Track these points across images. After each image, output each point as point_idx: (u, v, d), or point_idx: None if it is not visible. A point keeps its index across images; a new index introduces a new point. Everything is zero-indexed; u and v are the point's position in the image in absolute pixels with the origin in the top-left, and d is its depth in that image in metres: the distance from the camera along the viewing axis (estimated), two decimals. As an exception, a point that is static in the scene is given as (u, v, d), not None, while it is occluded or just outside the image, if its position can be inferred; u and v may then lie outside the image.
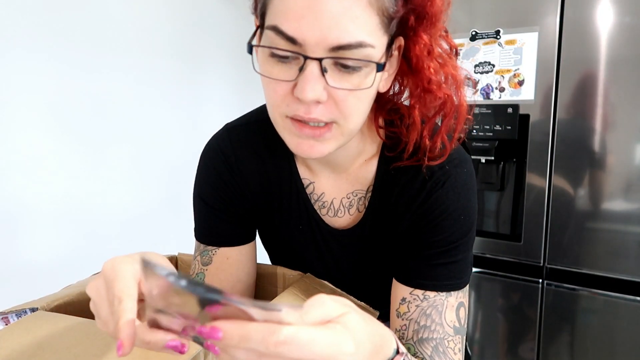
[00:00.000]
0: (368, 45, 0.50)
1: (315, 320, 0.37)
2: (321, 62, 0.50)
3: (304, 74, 0.50)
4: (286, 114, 0.55)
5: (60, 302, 0.64)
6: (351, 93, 0.53)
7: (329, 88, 0.52)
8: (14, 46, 1.29)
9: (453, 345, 0.63)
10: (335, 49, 0.49)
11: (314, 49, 0.49)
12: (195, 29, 1.83)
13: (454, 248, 0.64)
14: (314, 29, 0.48)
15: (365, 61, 0.51)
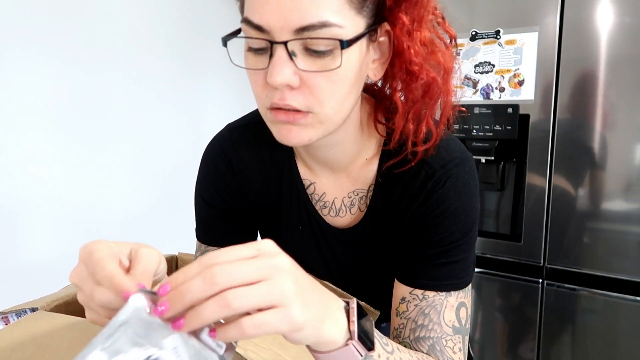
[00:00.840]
0: (333, 24, 0.50)
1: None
2: (286, 45, 0.51)
3: (273, 60, 0.51)
4: (267, 106, 0.55)
5: (60, 302, 0.64)
6: (323, 77, 0.53)
7: (300, 73, 0.52)
8: (15, 47, 1.30)
9: (452, 344, 0.63)
10: (300, 30, 0.50)
11: (279, 33, 0.51)
12: (195, 29, 1.83)
13: (455, 247, 0.64)
14: (276, 13, 0.50)
15: (330, 39, 0.51)
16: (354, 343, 0.46)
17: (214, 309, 0.37)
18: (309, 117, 0.55)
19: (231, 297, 0.37)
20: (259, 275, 0.38)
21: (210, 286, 0.37)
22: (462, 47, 1.62)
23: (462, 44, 1.62)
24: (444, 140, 0.66)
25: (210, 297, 0.37)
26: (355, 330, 0.46)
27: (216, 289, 0.37)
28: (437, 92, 0.60)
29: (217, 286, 0.37)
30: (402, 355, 0.55)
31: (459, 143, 0.68)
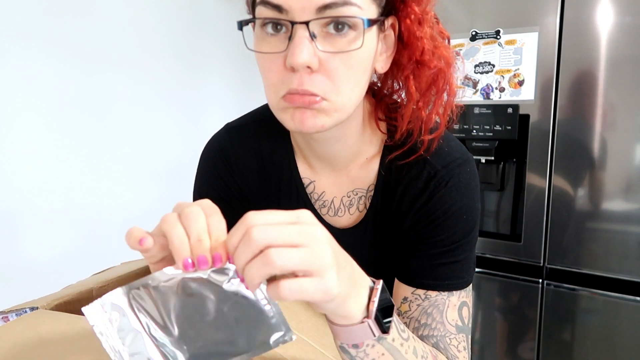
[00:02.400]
0: (354, 4, 0.50)
1: None
2: (308, 25, 0.50)
3: (294, 41, 0.50)
4: (282, 94, 0.54)
5: (60, 302, 0.64)
6: (342, 60, 0.53)
7: (320, 54, 0.52)
8: (14, 47, 1.30)
9: (456, 342, 0.63)
10: (321, 9, 0.50)
11: (300, 13, 0.50)
12: (194, 29, 1.83)
13: (457, 247, 0.64)
14: None
15: (352, 19, 0.51)
16: (370, 322, 0.47)
17: (259, 267, 0.39)
18: (323, 103, 0.54)
19: (274, 254, 0.38)
20: (300, 240, 0.40)
21: (252, 243, 0.39)
22: (462, 47, 1.62)
23: (462, 44, 1.62)
24: (445, 141, 0.66)
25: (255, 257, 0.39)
26: (373, 310, 0.47)
27: (255, 244, 0.39)
28: (444, 81, 0.61)
29: (257, 242, 0.39)
30: (417, 344, 0.56)
31: (460, 144, 0.68)
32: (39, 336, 0.52)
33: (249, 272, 0.39)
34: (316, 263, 0.40)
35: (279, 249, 0.39)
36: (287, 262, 0.39)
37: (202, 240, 0.41)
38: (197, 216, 0.42)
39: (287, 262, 0.39)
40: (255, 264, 0.39)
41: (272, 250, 0.38)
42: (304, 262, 0.39)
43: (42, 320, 0.56)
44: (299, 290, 0.40)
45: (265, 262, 0.38)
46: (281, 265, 0.38)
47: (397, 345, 0.52)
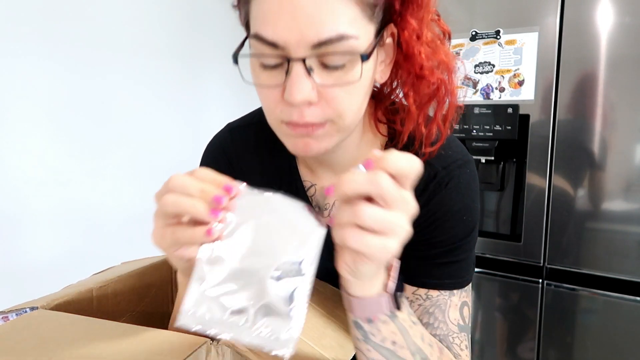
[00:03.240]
0: (350, 37, 0.49)
1: None
2: (305, 61, 0.49)
3: (290, 77, 0.50)
4: (281, 119, 0.54)
5: (60, 302, 0.64)
6: (342, 89, 0.52)
7: (318, 87, 0.51)
8: (14, 49, 1.30)
9: (459, 341, 0.64)
10: (317, 45, 0.48)
11: (296, 49, 0.49)
12: (194, 29, 1.83)
13: (457, 248, 0.64)
14: (292, 29, 0.48)
15: (349, 54, 0.50)
16: (386, 296, 0.51)
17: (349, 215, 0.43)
18: (327, 126, 0.54)
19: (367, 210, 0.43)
20: (398, 207, 0.44)
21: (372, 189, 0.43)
22: (462, 47, 1.62)
23: (462, 44, 1.62)
24: (446, 142, 0.66)
25: None
26: (392, 285, 0.51)
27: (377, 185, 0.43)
28: (445, 93, 0.60)
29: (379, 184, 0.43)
30: (424, 332, 0.58)
31: (461, 145, 0.68)
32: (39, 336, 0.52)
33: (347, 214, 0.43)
34: (398, 225, 0.44)
35: (374, 209, 0.42)
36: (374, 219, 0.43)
37: (204, 188, 0.45)
38: (183, 181, 0.45)
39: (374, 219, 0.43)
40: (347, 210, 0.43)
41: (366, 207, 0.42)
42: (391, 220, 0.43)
43: (42, 320, 0.56)
44: (373, 239, 0.43)
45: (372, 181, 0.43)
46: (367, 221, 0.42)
47: (407, 326, 0.54)
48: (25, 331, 0.53)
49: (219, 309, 0.43)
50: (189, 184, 0.44)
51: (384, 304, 0.51)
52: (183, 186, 0.44)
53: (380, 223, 0.43)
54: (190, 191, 0.44)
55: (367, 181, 0.43)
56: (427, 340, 0.58)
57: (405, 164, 0.43)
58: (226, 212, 0.45)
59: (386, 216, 0.43)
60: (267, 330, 0.42)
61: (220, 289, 0.44)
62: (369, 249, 0.43)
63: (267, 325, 0.43)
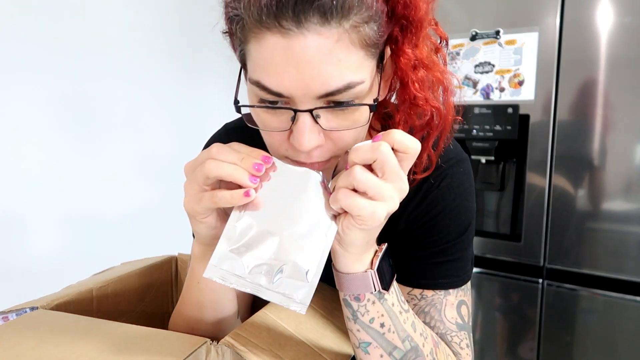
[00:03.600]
0: (357, 83, 0.48)
1: None
2: (312, 112, 0.48)
3: (297, 126, 0.49)
4: (286, 156, 0.54)
5: (60, 302, 0.64)
6: (347, 130, 0.51)
7: (324, 131, 0.50)
8: (15, 48, 1.30)
9: (458, 340, 0.63)
10: (323, 96, 0.48)
11: (302, 99, 0.48)
12: (194, 29, 1.83)
13: (451, 247, 0.64)
14: (297, 81, 0.46)
15: (356, 99, 0.49)
16: (372, 272, 0.52)
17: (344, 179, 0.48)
18: (331, 160, 0.54)
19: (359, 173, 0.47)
20: (391, 177, 0.48)
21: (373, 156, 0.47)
22: (462, 47, 1.62)
23: (462, 44, 1.62)
24: None
25: None
26: (376, 262, 0.53)
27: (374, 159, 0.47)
28: (439, 121, 0.58)
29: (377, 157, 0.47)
30: (417, 321, 0.59)
31: (455, 143, 0.67)
32: (39, 336, 0.52)
33: None
34: (387, 194, 0.47)
35: (368, 173, 0.46)
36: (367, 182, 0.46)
37: (248, 155, 0.49)
38: (224, 150, 0.50)
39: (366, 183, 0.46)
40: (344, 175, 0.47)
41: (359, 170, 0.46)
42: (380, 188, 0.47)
43: (42, 320, 0.56)
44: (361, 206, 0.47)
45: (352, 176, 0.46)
46: (360, 183, 0.46)
47: (396, 311, 0.55)
48: (25, 331, 0.53)
49: (241, 267, 0.48)
50: (230, 152, 0.49)
51: (370, 281, 0.52)
52: (225, 154, 0.49)
53: (372, 187, 0.46)
54: (231, 158, 0.48)
55: (370, 148, 0.46)
56: (419, 330, 0.58)
57: (408, 142, 0.47)
58: (262, 180, 0.49)
59: (379, 182, 0.47)
60: (284, 289, 0.47)
61: (245, 249, 0.48)
62: (358, 209, 0.46)
63: (285, 285, 0.47)
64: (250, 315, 0.58)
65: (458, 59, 1.63)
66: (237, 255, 0.48)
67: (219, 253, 0.48)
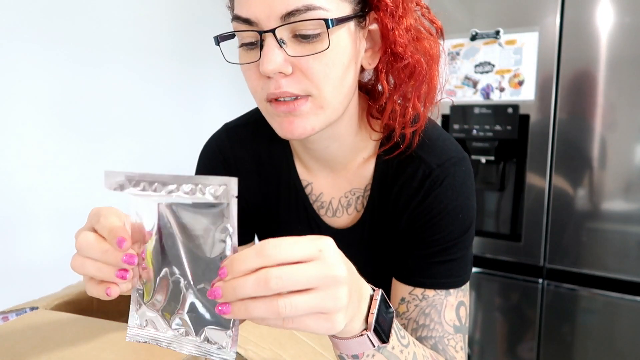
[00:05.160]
0: (318, 7, 0.52)
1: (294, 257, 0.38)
2: (274, 33, 0.52)
3: (263, 49, 0.53)
4: (264, 98, 0.56)
5: (60, 302, 0.64)
6: (316, 59, 0.54)
7: (291, 59, 0.53)
8: (15, 46, 1.30)
9: (454, 343, 0.63)
10: (285, 16, 0.51)
11: (266, 22, 0.52)
12: (194, 28, 1.83)
13: (453, 246, 0.64)
14: (262, 4, 0.52)
15: (315, 20, 0.52)
16: (369, 334, 0.46)
17: (263, 311, 0.37)
18: (309, 101, 0.55)
19: (282, 305, 0.37)
20: (317, 284, 0.38)
21: (264, 290, 0.36)
22: (462, 47, 1.62)
23: (462, 44, 1.62)
24: (441, 139, 0.66)
25: (262, 297, 0.37)
26: (372, 322, 0.46)
27: (269, 293, 0.37)
28: (422, 74, 0.60)
29: (271, 291, 0.37)
30: (417, 349, 0.56)
31: (456, 143, 0.68)
32: (39, 336, 0.52)
33: (249, 311, 0.37)
34: (329, 305, 0.38)
35: (290, 300, 0.37)
36: (295, 312, 0.37)
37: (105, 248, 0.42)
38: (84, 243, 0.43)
39: (295, 312, 0.37)
40: (260, 306, 0.37)
41: (281, 301, 0.37)
42: (315, 307, 0.38)
43: (42, 320, 0.56)
44: (303, 325, 0.39)
45: (272, 310, 0.37)
46: (288, 314, 0.37)
47: (397, 352, 0.51)
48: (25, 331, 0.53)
49: (159, 325, 0.44)
50: (91, 246, 0.43)
51: (368, 342, 0.47)
52: (87, 248, 0.43)
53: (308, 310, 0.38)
54: (93, 254, 0.43)
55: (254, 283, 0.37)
56: (420, 357, 0.56)
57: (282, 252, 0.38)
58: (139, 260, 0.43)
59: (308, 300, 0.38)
60: (210, 338, 0.42)
61: (158, 302, 0.44)
62: (305, 329, 0.39)
63: (207, 335, 0.42)
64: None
65: (458, 59, 1.63)
66: (152, 316, 0.44)
67: (133, 319, 0.45)
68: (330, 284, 0.38)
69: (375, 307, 0.47)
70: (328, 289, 0.38)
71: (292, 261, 0.37)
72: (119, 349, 0.49)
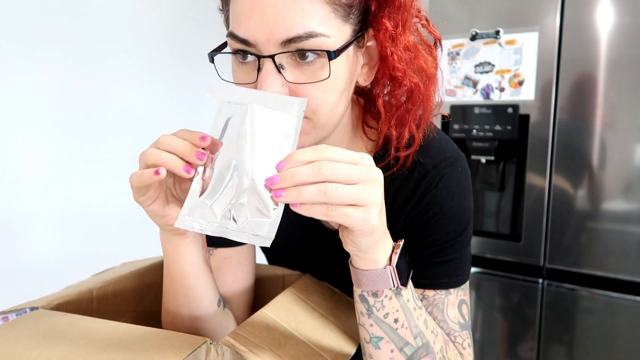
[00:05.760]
0: (320, 34, 0.50)
1: None
2: (274, 58, 0.51)
3: (261, 74, 0.52)
4: None
5: (60, 302, 0.64)
6: (313, 86, 0.53)
7: (288, 84, 0.52)
8: (13, 47, 1.30)
9: (461, 340, 0.64)
10: (286, 42, 0.50)
11: (266, 46, 0.51)
12: (194, 28, 1.83)
13: (451, 246, 0.64)
14: (262, 26, 0.50)
15: (318, 51, 0.51)
16: (391, 269, 0.53)
17: (313, 193, 0.44)
18: (304, 124, 0.55)
19: (330, 188, 0.44)
20: (358, 179, 0.46)
21: (317, 175, 0.44)
22: (462, 47, 1.62)
23: (462, 44, 1.62)
24: (436, 140, 0.66)
25: (313, 183, 0.44)
26: (395, 259, 0.53)
27: (320, 179, 0.44)
28: (419, 97, 0.60)
29: (322, 177, 0.44)
30: (429, 318, 0.59)
31: (452, 143, 0.68)
32: (39, 336, 0.52)
33: (302, 193, 0.44)
34: (366, 197, 0.46)
35: (336, 185, 0.44)
36: (339, 196, 0.44)
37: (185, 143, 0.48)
38: (166, 138, 0.50)
39: (339, 197, 0.44)
40: (311, 189, 0.44)
41: (329, 185, 0.44)
42: (355, 196, 0.45)
43: (42, 320, 0.56)
44: (345, 215, 0.46)
45: (321, 191, 0.44)
46: (333, 197, 0.44)
47: (410, 307, 0.55)
48: (25, 331, 0.53)
49: (210, 214, 0.48)
50: (172, 140, 0.49)
51: (389, 277, 0.52)
52: (166, 143, 0.50)
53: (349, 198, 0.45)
54: (173, 147, 0.49)
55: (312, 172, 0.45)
56: (430, 327, 0.58)
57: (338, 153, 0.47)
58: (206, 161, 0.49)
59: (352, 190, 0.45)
60: (249, 228, 0.48)
61: (212, 196, 0.49)
62: (345, 219, 0.46)
63: (250, 225, 0.48)
64: (249, 315, 0.59)
65: (458, 59, 1.63)
66: (208, 204, 0.49)
67: (188, 204, 0.49)
68: (369, 181, 0.46)
69: (399, 249, 0.54)
70: (367, 184, 0.46)
71: (340, 160, 0.46)
72: (119, 349, 0.49)
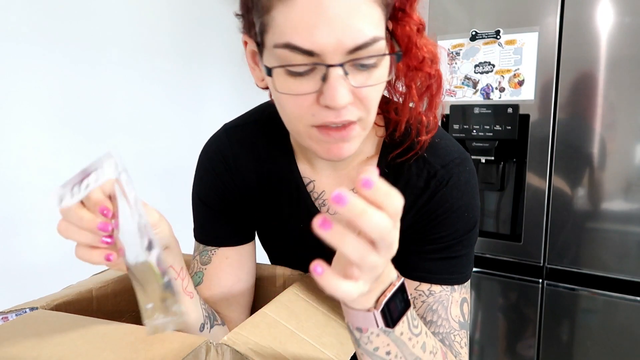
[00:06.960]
0: (380, 38, 0.51)
1: None
2: (343, 66, 0.50)
3: (329, 83, 0.50)
4: (312, 124, 0.54)
5: (60, 302, 0.64)
6: (373, 87, 0.54)
7: (353, 89, 0.52)
8: (16, 46, 1.30)
9: (459, 339, 0.64)
10: (353, 50, 0.50)
11: (333, 56, 0.49)
12: (195, 28, 1.83)
13: (459, 243, 0.65)
14: (329, 36, 0.48)
15: (380, 54, 0.52)
16: (375, 313, 0.48)
17: (350, 249, 0.39)
18: (357, 125, 0.56)
19: (366, 257, 0.40)
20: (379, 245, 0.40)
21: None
22: (462, 47, 1.62)
23: (462, 44, 1.62)
24: (442, 140, 0.67)
25: None
26: (382, 303, 0.48)
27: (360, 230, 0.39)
28: (439, 83, 0.62)
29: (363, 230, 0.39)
30: (427, 340, 0.56)
31: (457, 143, 0.69)
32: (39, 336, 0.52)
33: (346, 245, 0.39)
34: (368, 270, 0.41)
35: (372, 254, 0.40)
36: (366, 265, 0.40)
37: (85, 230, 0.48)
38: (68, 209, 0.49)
39: (366, 265, 0.40)
40: (351, 246, 0.39)
41: (369, 253, 0.40)
42: (374, 264, 0.40)
43: (42, 320, 0.56)
44: (334, 288, 0.41)
45: (359, 256, 0.39)
46: (362, 265, 0.40)
47: (404, 339, 0.52)
48: (25, 331, 0.53)
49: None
50: (72, 211, 0.49)
51: (373, 320, 0.48)
52: (67, 213, 0.49)
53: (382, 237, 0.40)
54: (72, 219, 0.49)
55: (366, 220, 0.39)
56: (429, 348, 0.56)
57: (399, 204, 0.40)
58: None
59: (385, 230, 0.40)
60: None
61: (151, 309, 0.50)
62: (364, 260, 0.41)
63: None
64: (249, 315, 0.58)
65: (458, 59, 1.63)
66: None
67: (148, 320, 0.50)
68: (383, 251, 0.41)
69: (390, 291, 0.49)
70: (379, 254, 0.40)
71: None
72: (119, 349, 0.49)
